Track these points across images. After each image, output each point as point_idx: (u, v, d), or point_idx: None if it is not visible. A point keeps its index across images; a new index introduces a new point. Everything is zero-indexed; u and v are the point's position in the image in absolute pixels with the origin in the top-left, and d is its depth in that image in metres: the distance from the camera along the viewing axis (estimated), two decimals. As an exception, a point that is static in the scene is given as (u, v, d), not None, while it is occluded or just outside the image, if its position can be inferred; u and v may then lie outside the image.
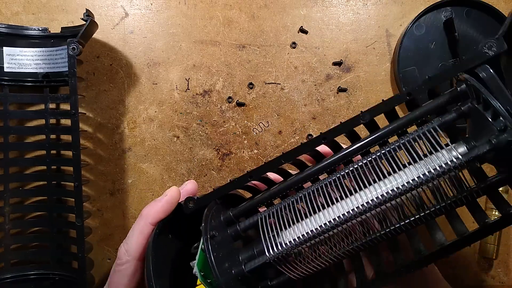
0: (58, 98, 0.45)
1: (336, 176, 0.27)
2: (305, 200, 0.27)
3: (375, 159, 0.26)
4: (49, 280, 0.44)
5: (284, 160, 0.28)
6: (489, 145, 0.22)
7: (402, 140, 0.26)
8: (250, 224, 0.28)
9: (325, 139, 0.27)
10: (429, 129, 0.25)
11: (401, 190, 0.24)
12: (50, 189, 0.45)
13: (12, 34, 0.44)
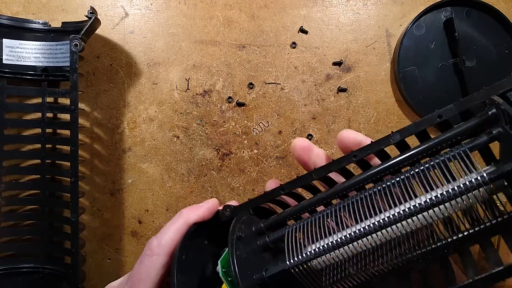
0: (56, 93, 0.45)
1: (365, 193, 0.27)
2: (333, 215, 0.28)
3: (407, 177, 0.26)
4: (39, 274, 0.45)
5: (315, 176, 0.29)
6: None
7: (435, 161, 0.26)
8: (278, 236, 0.29)
9: (355, 156, 0.28)
10: (459, 152, 0.26)
11: (431, 209, 0.24)
12: (44, 183, 0.45)
13: (12, 26, 0.44)
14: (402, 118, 0.49)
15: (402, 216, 0.25)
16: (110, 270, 0.48)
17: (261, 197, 0.30)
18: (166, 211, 0.48)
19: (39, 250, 0.45)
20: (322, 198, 0.29)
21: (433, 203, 0.24)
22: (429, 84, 0.47)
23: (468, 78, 0.46)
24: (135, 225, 0.48)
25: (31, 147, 0.47)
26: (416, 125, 0.27)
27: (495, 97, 0.25)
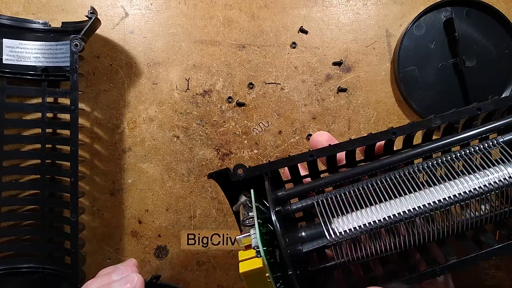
0: (56, 93, 0.45)
1: (408, 170, 0.28)
2: (372, 189, 0.28)
3: (447, 161, 0.28)
4: (38, 274, 0.45)
5: (352, 146, 0.29)
6: None
7: (471, 149, 0.28)
8: (303, 206, 0.29)
9: (395, 133, 0.29)
10: (494, 144, 0.28)
11: (470, 193, 0.27)
12: (43, 183, 0.45)
13: (12, 26, 0.44)
14: (402, 118, 0.49)
15: (458, 199, 0.26)
16: (110, 270, 0.48)
17: (283, 160, 0.29)
18: (166, 211, 0.48)
19: (39, 250, 0.45)
20: (361, 172, 0.29)
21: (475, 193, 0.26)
22: (429, 84, 0.47)
23: (468, 78, 0.46)
24: (135, 225, 0.48)
25: (31, 147, 0.47)
26: (456, 113, 0.30)
27: None
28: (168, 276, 0.48)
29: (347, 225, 0.27)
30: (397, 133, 0.29)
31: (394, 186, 0.28)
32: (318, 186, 0.30)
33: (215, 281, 0.48)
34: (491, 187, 0.26)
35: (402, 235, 0.27)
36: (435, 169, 0.28)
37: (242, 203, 0.30)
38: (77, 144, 0.40)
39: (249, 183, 0.29)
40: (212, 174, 0.29)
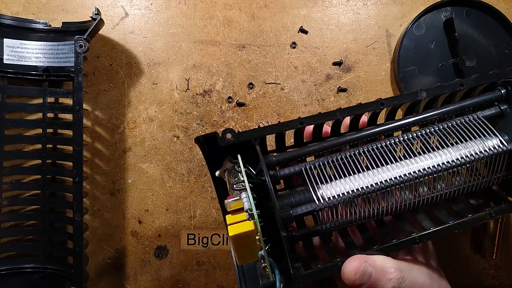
0: (57, 93, 0.45)
1: (394, 140, 0.30)
2: (355, 159, 0.29)
3: (426, 134, 0.30)
4: (40, 274, 0.45)
5: (340, 115, 0.30)
6: None
7: (453, 122, 0.30)
8: (291, 172, 0.29)
9: (383, 104, 0.30)
10: (475, 118, 0.31)
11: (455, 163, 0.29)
12: (45, 183, 0.45)
13: (13, 26, 0.44)
14: (402, 118, 0.49)
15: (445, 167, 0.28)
16: (110, 270, 0.48)
17: (274, 126, 0.29)
18: (166, 211, 0.48)
19: (40, 250, 0.45)
20: (347, 141, 0.30)
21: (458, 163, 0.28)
22: (429, 84, 0.47)
23: (468, 78, 0.46)
24: (135, 225, 0.48)
25: (32, 148, 0.47)
26: (440, 87, 0.31)
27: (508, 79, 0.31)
28: (168, 276, 0.48)
29: (335, 191, 0.28)
30: (385, 103, 0.30)
31: (376, 156, 0.29)
32: (305, 153, 0.30)
33: (215, 281, 0.48)
34: (463, 160, 0.28)
35: (384, 202, 0.29)
36: (427, 139, 0.30)
37: (227, 169, 0.29)
38: (81, 144, 0.40)
39: (234, 150, 0.29)
40: (199, 138, 0.28)
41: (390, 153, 0.29)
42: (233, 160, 0.29)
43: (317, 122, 0.30)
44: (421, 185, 0.30)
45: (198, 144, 0.29)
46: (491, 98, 0.32)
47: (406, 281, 0.29)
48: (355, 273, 0.27)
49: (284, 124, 0.29)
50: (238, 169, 0.28)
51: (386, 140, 0.31)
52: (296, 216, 0.28)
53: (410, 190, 0.29)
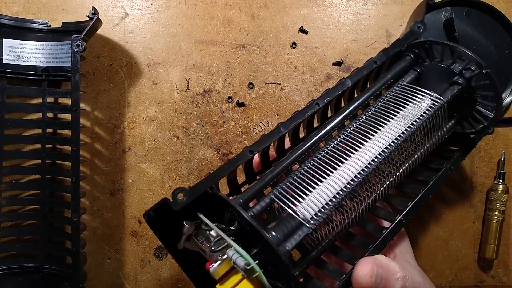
0: (56, 93, 0.45)
1: (343, 136, 0.30)
2: (320, 163, 0.28)
3: (371, 114, 0.31)
4: (39, 274, 0.44)
5: (283, 129, 0.29)
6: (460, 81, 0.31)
7: (385, 99, 0.32)
8: (263, 207, 0.27)
9: (318, 104, 0.31)
10: (403, 86, 0.32)
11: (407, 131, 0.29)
12: (44, 183, 0.45)
13: (13, 26, 0.44)
14: (402, 118, 0.49)
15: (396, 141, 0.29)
16: (110, 270, 0.48)
17: (225, 167, 0.27)
18: (166, 211, 0.48)
19: (39, 250, 0.45)
20: (298, 155, 0.30)
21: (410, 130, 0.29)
22: (429, 84, 0.47)
23: (468, 78, 0.46)
24: (135, 225, 0.48)
25: (31, 147, 0.47)
26: (359, 71, 0.33)
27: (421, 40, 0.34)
28: (168, 276, 0.48)
29: (320, 203, 0.26)
30: (319, 103, 0.31)
31: (336, 154, 0.29)
32: (269, 181, 0.29)
33: (215, 281, 0.48)
34: (410, 129, 0.29)
35: (365, 194, 0.29)
36: (372, 121, 0.30)
37: (190, 235, 0.25)
38: (78, 144, 0.40)
39: (189, 212, 0.25)
40: (149, 213, 0.25)
41: (347, 146, 0.29)
42: (193, 222, 0.25)
43: (265, 144, 0.28)
44: (387, 166, 0.30)
45: (149, 222, 0.25)
46: (406, 65, 0.34)
47: (409, 280, 0.28)
48: (371, 275, 0.26)
49: (234, 160, 0.27)
50: (207, 228, 0.24)
51: (337, 137, 0.31)
52: (292, 248, 0.26)
53: (381, 174, 0.29)
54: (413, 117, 0.30)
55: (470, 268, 0.49)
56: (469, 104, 0.33)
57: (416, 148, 0.30)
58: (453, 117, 0.34)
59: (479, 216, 0.49)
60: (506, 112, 0.49)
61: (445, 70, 0.33)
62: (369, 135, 0.29)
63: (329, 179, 0.27)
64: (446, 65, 0.33)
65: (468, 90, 0.32)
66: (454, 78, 0.32)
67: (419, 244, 0.49)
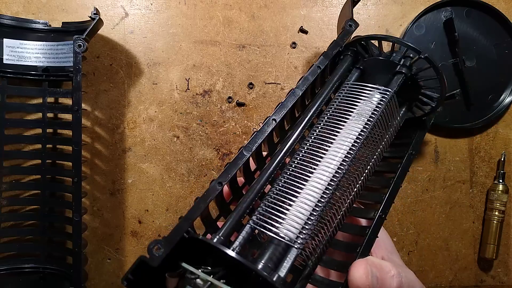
0: (57, 93, 0.45)
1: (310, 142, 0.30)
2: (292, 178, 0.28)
3: (328, 120, 0.31)
4: (39, 274, 0.45)
5: (246, 153, 0.28)
6: (403, 73, 0.32)
7: (337, 102, 0.32)
8: (244, 239, 0.26)
9: (275, 120, 0.31)
10: (350, 86, 0.32)
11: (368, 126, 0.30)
12: (44, 183, 0.45)
13: (13, 26, 0.44)
14: (402, 118, 0.49)
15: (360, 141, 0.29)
16: (110, 270, 0.48)
17: (196, 208, 0.25)
18: (166, 211, 0.48)
19: (40, 250, 0.45)
20: (268, 176, 0.29)
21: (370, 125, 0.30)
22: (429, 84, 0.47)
23: (468, 78, 0.46)
24: (135, 225, 0.48)
25: (31, 147, 0.47)
26: (305, 79, 0.33)
27: (356, 41, 0.35)
28: (168, 276, 0.48)
29: (300, 223, 0.26)
30: (276, 118, 0.31)
31: (305, 166, 0.28)
32: (244, 211, 0.27)
33: (215, 281, 0.48)
34: (369, 124, 0.30)
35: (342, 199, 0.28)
36: (328, 129, 0.30)
37: (176, 286, 0.24)
38: (80, 144, 0.40)
39: (171, 264, 0.23)
40: (127, 276, 0.22)
41: (313, 156, 0.29)
42: (177, 273, 0.23)
43: (233, 173, 0.27)
44: (356, 166, 0.30)
45: (129, 286, 0.23)
46: (348, 64, 0.35)
47: (404, 277, 0.28)
48: (367, 275, 0.25)
49: (205, 196, 0.26)
50: (193, 276, 0.22)
51: (300, 149, 0.30)
52: (286, 274, 0.25)
53: (352, 175, 0.29)
54: (368, 113, 0.30)
55: (470, 268, 0.49)
56: (415, 90, 0.34)
57: (378, 142, 0.31)
58: (403, 104, 0.35)
59: (479, 216, 0.49)
60: (506, 112, 0.49)
61: (386, 62, 0.34)
62: (331, 140, 0.30)
63: (304, 193, 0.27)
64: (385, 57, 0.34)
65: (411, 77, 0.33)
66: (396, 69, 0.33)
67: (419, 244, 0.49)
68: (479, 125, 0.47)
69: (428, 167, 0.49)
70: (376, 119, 0.30)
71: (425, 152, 0.49)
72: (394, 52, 0.34)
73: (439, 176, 0.49)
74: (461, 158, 0.49)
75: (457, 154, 0.49)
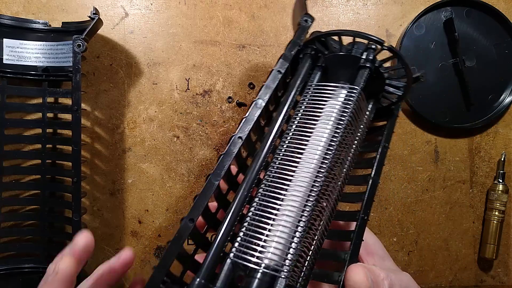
0: (57, 93, 0.45)
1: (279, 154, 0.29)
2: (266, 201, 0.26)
3: (298, 126, 0.30)
4: (39, 274, 0.44)
5: (214, 180, 0.27)
6: (368, 67, 0.31)
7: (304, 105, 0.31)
8: (226, 276, 0.25)
9: (240, 138, 0.29)
10: (315, 87, 0.31)
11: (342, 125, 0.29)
12: (44, 183, 0.45)
13: (13, 26, 0.44)
14: (402, 118, 0.49)
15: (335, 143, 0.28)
16: (110, 270, 0.48)
17: (171, 247, 0.25)
18: (166, 211, 0.48)
19: (40, 250, 0.45)
20: (243, 198, 0.27)
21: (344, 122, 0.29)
22: (429, 84, 0.47)
23: (468, 78, 0.46)
24: (135, 225, 0.48)
25: (31, 147, 0.47)
26: (267, 86, 0.31)
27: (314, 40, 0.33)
28: (168, 276, 0.48)
29: (283, 248, 0.24)
30: (242, 136, 0.29)
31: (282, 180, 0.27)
32: (223, 244, 0.26)
33: (215, 281, 0.48)
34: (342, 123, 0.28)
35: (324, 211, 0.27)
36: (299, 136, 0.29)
37: None
38: (79, 144, 0.40)
39: None
40: None
41: (288, 168, 0.27)
42: None
43: (203, 206, 0.26)
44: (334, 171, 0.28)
45: None
46: (309, 64, 0.33)
47: (394, 279, 0.28)
48: (367, 277, 0.25)
49: (177, 237, 0.25)
50: None
51: (274, 161, 0.28)
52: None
53: (331, 181, 0.28)
54: (337, 116, 0.29)
55: (470, 268, 0.49)
56: (380, 81, 0.33)
57: (352, 142, 0.30)
58: (370, 98, 0.34)
59: (479, 216, 0.49)
60: (506, 112, 0.49)
61: (348, 58, 0.32)
62: (303, 150, 0.28)
63: (284, 212, 0.25)
64: (347, 51, 0.32)
65: (376, 69, 0.32)
66: (360, 63, 0.31)
67: (419, 244, 0.49)
68: (479, 125, 0.47)
69: (428, 167, 0.49)
70: (347, 121, 0.28)
71: (425, 152, 0.49)
72: (355, 45, 0.32)
73: (439, 176, 0.49)
74: (461, 158, 0.49)
75: (457, 154, 0.49)
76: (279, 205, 0.26)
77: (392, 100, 0.34)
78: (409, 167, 0.49)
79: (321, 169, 0.27)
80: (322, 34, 0.32)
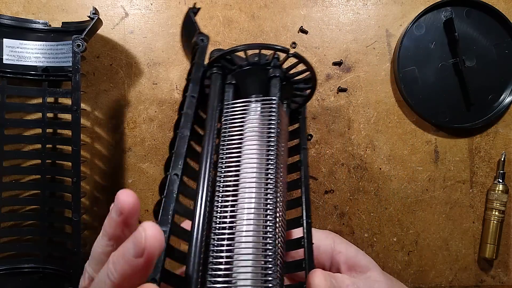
0: (56, 93, 0.45)
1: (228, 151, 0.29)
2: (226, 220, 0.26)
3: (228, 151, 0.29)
4: (39, 274, 0.44)
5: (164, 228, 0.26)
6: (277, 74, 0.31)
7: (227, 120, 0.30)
8: None
9: (177, 175, 0.27)
10: (232, 107, 0.30)
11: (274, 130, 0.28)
12: (44, 183, 0.45)
13: (13, 26, 0.44)
14: (402, 118, 0.49)
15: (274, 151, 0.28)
16: (110, 270, 0.48)
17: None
18: (166, 211, 0.48)
19: (40, 250, 0.45)
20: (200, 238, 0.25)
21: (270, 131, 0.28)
22: (429, 84, 0.47)
23: (468, 78, 0.46)
24: (135, 225, 0.48)
25: (31, 147, 0.47)
26: (185, 114, 0.29)
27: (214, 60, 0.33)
28: (168, 276, 0.48)
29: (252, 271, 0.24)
30: (178, 173, 0.27)
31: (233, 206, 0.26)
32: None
33: (215, 281, 0.48)
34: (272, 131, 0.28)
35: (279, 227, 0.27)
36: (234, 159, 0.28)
37: None
38: (79, 144, 0.40)
39: None
40: None
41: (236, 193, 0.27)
42: None
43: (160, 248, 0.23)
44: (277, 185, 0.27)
45: None
46: (219, 83, 0.33)
47: (361, 286, 0.28)
48: (326, 278, 0.26)
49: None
50: None
51: (218, 189, 0.28)
52: None
53: (278, 195, 0.27)
54: (265, 129, 0.28)
55: (470, 268, 0.49)
56: (290, 86, 0.33)
57: (281, 152, 0.29)
58: (283, 104, 0.33)
59: (479, 216, 0.49)
60: (506, 112, 0.49)
61: (255, 70, 0.31)
62: (245, 169, 0.27)
63: (242, 248, 0.25)
64: (252, 64, 0.31)
65: (285, 77, 0.31)
66: (269, 74, 0.31)
67: (419, 244, 0.49)
68: (479, 125, 0.47)
69: (428, 167, 0.49)
70: (275, 133, 0.28)
71: (425, 152, 0.49)
72: (261, 57, 0.32)
73: (439, 176, 0.49)
74: (461, 158, 0.49)
75: (457, 154, 0.49)
76: (236, 243, 0.25)
77: (299, 102, 0.35)
78: (409, 167, 0.49)
79: (268, 191, 0.26)
80: (224, 52, 0.31)
